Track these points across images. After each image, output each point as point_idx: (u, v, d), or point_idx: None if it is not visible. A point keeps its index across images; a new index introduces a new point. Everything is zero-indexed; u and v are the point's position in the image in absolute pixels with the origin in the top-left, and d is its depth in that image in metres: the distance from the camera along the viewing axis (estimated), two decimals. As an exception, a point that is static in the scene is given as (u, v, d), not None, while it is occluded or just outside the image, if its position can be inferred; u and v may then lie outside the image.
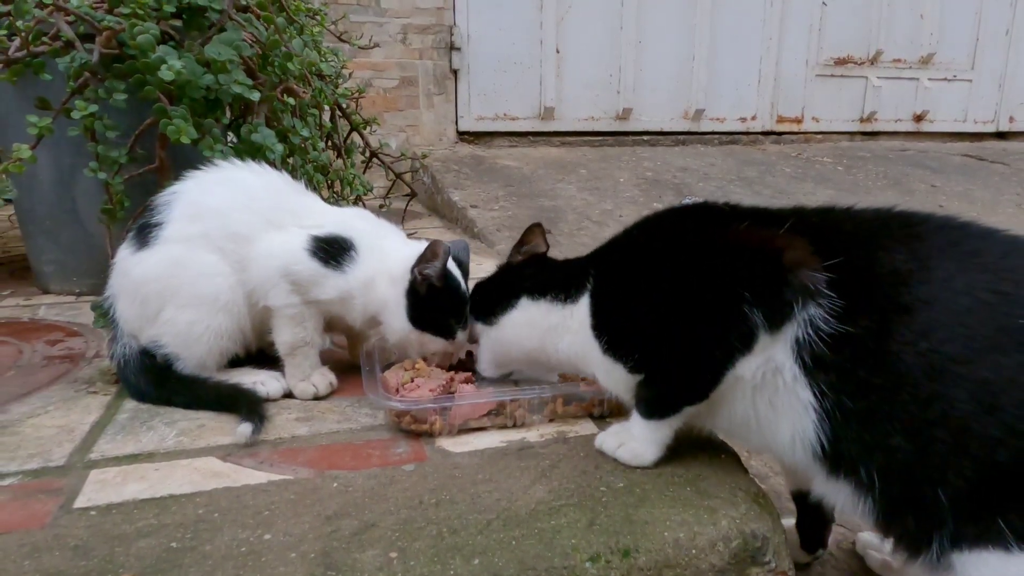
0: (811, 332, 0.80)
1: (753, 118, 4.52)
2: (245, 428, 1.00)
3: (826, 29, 4.57)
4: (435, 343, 1.15)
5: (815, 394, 0.81)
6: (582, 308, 1.00)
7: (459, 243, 1.30)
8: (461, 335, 1.16)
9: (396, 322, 1.14)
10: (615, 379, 0.98)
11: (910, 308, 0.77)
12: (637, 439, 0.97)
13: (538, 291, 1.05)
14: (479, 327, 1.14)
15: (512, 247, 1.16)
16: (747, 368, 0.85)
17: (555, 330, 1.04)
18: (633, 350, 0.94)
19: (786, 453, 0.87)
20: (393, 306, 1.13)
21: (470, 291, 1.19)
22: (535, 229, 1.12)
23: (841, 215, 0.92)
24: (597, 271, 1.01)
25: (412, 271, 1.12)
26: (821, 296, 0.80)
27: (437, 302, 1.13)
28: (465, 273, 1.23)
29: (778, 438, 0.87)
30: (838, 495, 0.84)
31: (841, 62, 4.68)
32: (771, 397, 0.86)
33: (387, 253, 1.16)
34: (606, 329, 0.97)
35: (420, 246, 1.15)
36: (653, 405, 0.95)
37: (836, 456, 0.82)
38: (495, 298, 1.10)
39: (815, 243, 0.84)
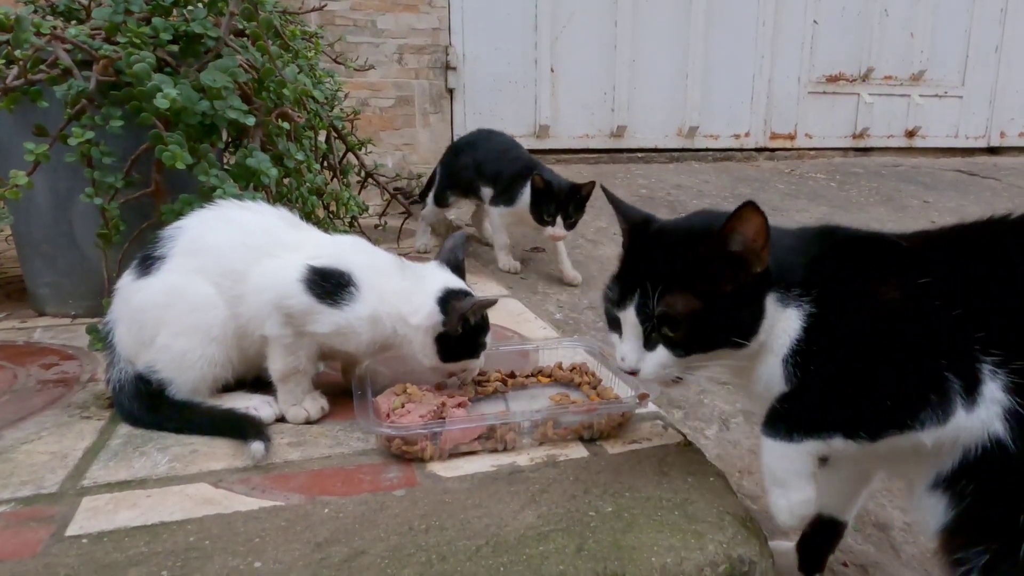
0: None
1: (747, 135, 4.56)
2: (258, 447, 1.02)
3: (818, 47, 4.63)
4: (468, 364, 1.20)
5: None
6: (789, 322, 0.86)
7: (457, 237, 1.31)
8: (488, 342, 1.21)
9: (426, 360, 1.17)
10: (771, 388, 0.87)
11: None
12: (784, 478, 0.86)
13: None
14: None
15: None
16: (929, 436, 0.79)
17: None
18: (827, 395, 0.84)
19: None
20: (418, 347, 1.16)
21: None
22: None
23: None
24: (819, 294, 0.85)
25: (447, 324, 1.13)
26: None
27: (466, 338, 1.16)
28: (461, 270, 1.25)
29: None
30: (929, 507, 0.83)
31: (833, 79, 4.73)
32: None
33: (393, 295, 1.15)
34: (808, 360, 0.84)
35: (428, 280, 1.17)
36: (807, 418, 0.84)
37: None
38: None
39: None
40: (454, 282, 1.19)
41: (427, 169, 3.47)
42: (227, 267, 1.13)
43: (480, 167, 2.35)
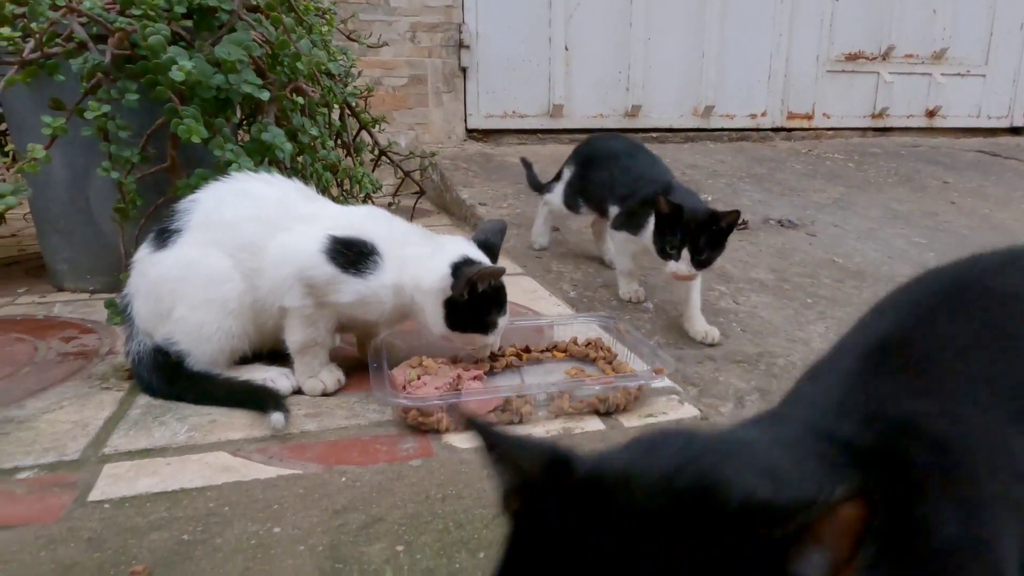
0: None
1: (763, 114, 4.49)
2: (278, 418, 1.03)
3: (837, 25, 4.53)
4: (476, 339, 1.18)
5: None
6: None
7: (495, 224, 1.30)
8: (501, 322, 1.19)
9: (435, 328, 1.16)
10: None
11: None
12: None
13: None
14: None
15: None
16: None
17: None
18: None
19: None
20: (429, 313, 1.15)
21: None
22: None
23: None
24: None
25: (454, 289, 1.12)
26: None
27: (475, 307, 1.14)
28: (495, 255, 1.24)
29: None
30: None
31: (852, 58, 4.64)
32: None
33: (412, 261, 1.15)
34: None
35: (448, 248, 1.16)
36: None
37: None
38: None
39: None
40: (476, 254, 1.17)
41: (439, 149, 3.46)
42: (243, 240, 1.14)
43: (613, 185, 1.98)
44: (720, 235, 1.60)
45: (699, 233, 1.56)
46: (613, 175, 2.00)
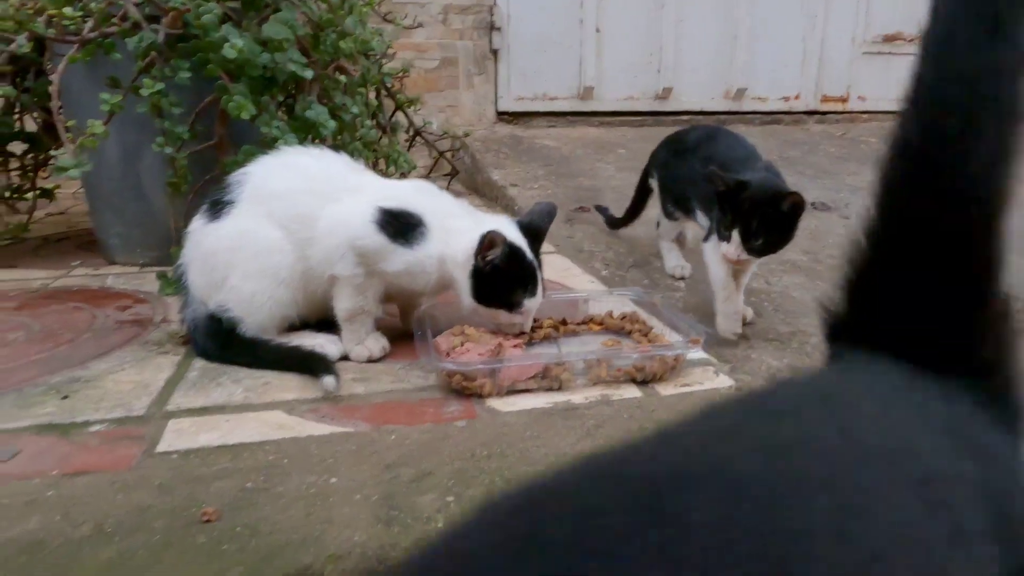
0: None
1: (796, 97, 4.44)
2: (330, 380, 1.08)
3: (874, 5, 4.44)
4: (501, 315, 1.21)
5: None
6: None
7: (545, 206, 1.31)
8: (529, 303, 1.20)
9: (464, 299, 1.20)
10: None
11: None
12: None
13: None
14: None
15: None
16: None
17: None
18: None
19: None
20: (459, 284, 1.19)
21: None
22: None
23: None
24: None
25: (475, 257, 1.15)
26: None
27: (499, 281, 1.17)
28: (537, 236, 1.25)
29: None
30: None
31: (890, 39, 4.54)
32: None
33: (454, 234, 1.18)
34: None
35: (488, 223, 1.19)
36: None
37: None
38: None
39: None
40: (511, 232, 1.20)
41: (470, 131, 3.48)
42: (295, 211, 1.18)
43: (695, 179, 1.71)
44: (782, 220, 1.41)
45: (752, 214, 1.40)
46: (694, 169, 1.72)
